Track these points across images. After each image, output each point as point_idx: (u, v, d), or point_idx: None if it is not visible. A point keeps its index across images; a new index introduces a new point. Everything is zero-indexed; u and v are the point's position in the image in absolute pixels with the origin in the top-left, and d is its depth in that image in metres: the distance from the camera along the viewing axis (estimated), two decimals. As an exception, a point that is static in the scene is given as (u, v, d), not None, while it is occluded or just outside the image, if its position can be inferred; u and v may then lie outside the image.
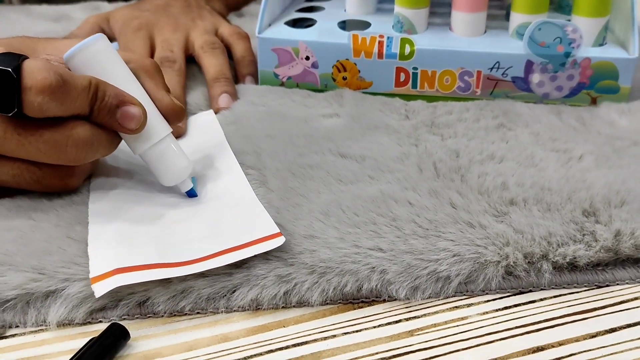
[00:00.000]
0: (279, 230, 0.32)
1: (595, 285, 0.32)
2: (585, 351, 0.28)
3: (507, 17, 0.50)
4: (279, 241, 0.31)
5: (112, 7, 0.67)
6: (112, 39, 0.52)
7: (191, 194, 0.36)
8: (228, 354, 0.28)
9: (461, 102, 0.47)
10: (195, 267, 0.30)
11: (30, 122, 0.32)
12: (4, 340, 0.29)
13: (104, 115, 0.33)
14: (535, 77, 0.46)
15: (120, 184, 0.37)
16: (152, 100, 0.36)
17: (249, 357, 0.28)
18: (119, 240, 0.32)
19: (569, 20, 0.46)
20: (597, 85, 0.46)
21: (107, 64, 0.34)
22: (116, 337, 0.28)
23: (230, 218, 0.34)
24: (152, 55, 0.49)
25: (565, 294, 0.32)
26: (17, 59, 0.31)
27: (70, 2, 0.70)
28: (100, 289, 0.29)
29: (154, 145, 0.35)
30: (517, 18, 0.47)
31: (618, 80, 0.46)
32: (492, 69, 0.47)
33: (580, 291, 0.32)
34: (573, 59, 0.45)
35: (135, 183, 0.37)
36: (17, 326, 0.29)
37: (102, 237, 0.32)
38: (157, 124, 0.35)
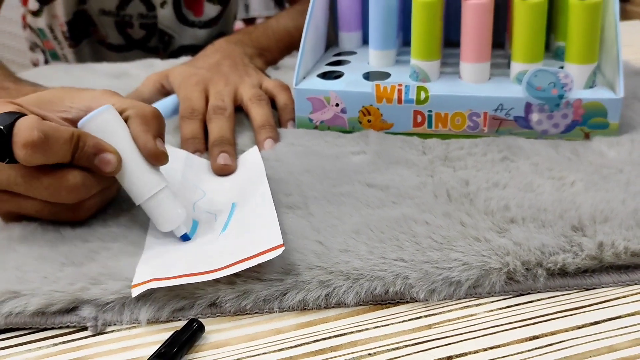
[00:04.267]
0: (281, 242, 0.35)
1: (583, 288, 0.36)
2: (573, 339, 0.33)
3: (508, 65, 0.54)
4: (278, 252, 0.35)
5: (164, 64, 0.73)
6: (171, 91, 0.59)
7: (184, 238, 0.40)
8: (282, 343, 0.34)
9: (471, 139, 0.51)
10: (212, 275, 0.35)
11: (32, 169, 0.37)
12: (106, 334, 0.35)
13: (84, 160, 0.37)
14: (535, 116, 0.51)
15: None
16: (137, 144, 0.39)
17: (298, 345, 0.33)
18: (159, 261, 0.37)
19: (562, 67, 0.51)
20: (589, 122, 0.50)
21: (112, 130, 0.39)
22: (194, 330, 0.33)
23: (246, 235, 0.38)
24: (206, 104, 0.55)
25: (557, 295, 0.36)
26: (13, 117, 0.35)
27: (128, 60, 0.77)
28: (136, 291, 0.35)
29: (151, 197, 0.39)
30: (516, 66, 0.51)
31: (607, 117, 0.50)
32: (496, 110, 0.51)
33: (571, 293, 0.36)
34: (566, 100, 0.50)
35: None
36: (115, 324, 0.35)
37: (148, 260, 0.38)
38: (152, 179, 0.39)
